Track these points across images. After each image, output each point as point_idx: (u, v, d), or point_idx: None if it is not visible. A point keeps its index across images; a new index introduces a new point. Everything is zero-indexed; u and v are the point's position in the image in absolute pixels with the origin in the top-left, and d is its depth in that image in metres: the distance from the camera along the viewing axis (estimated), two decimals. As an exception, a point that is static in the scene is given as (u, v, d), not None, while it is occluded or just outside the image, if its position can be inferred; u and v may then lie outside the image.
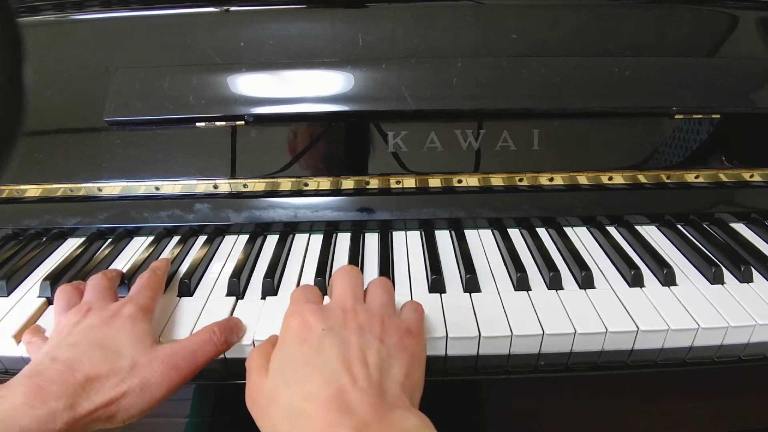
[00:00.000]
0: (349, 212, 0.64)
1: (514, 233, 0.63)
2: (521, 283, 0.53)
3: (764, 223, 0.64)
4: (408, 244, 0.62)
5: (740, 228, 0.64)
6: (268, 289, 0.53)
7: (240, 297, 0.53)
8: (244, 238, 0.63)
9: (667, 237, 0.63)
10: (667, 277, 0.53)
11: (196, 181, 0.63)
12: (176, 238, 0.64)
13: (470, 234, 0.63)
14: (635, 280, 0.53)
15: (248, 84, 0.62)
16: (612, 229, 0.63)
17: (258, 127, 0.62)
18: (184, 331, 0.48)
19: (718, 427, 0.59)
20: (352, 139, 0.64)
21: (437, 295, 0.52)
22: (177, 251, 0.61)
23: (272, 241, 0.62)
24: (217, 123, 0.62)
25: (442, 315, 0.49)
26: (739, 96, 0.64)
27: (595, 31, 0.66)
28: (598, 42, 0.66)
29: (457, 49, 0.64)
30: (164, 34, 0.65)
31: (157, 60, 0.64)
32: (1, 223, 0.65)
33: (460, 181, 0.64)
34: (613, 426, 0.59)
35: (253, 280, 0.56)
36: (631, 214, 0.65)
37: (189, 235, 0.64)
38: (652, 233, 0.63)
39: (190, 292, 0.54)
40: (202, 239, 0.64)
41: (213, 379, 0.49)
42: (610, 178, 0.64)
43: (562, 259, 0.58)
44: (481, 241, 0.62)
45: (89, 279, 0.50)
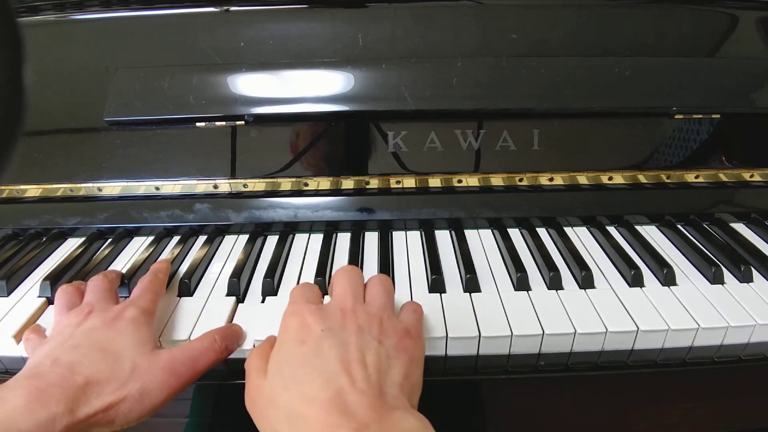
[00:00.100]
0: (349, 212, 0.64)
1: (514, 233, 0.63)
2: (521, 283, 0.53)
3: (764, 223, 0.64)
4: (408, 244, 0.62)
5: (740, 228, 0.64)
6: (268, 289, 0.53)
7: (240, 297, 0.53)
8: (244, 238, 0.63)
9: (667, 237, 0.63)
10: (667, 277, 0.53)
11: (196, 181, 0.63)
12: (176, 238, 0.64)
13: (470, 234, 0.63)
14: (635, 280, 0.53)
15: (248, 84, 0.62)
16: (612, 229, 0.63)
17: (258, 127, 0.62)
18: (184, 332, 0.48)
19: (718, 427, 0.59)
20: (352, 139, 0.64)
21: (437, 295, 0.52)
22: (177, 251, 0.61)
23: (272, 241, 0.62)
24: (217, 123, 0.62)
25: (442, 315, 0.49)
26: (739, 96, 0.64)
27: (595, 31, 0.66)
28: (598, 42, 0.66)
29: (457, 49, 0.64)
30: (164, 34, 0.65)
31: (157, 60, 0.64)
32: (1, 223, 0.65)
33: (460, 181, 0.64)
34: (613, 426, 0.59)
35: (253, 280, 0.56)
36: (631, 214, 0.65)
37: (189, 235, 0.64)
38: (652, 233, 0.63)
39: (190, 292, 0.54)
40: (202, 239, 0.64)
41: (213, 379, 0.49)
42: (610, 178, 0.64)
43: (562, 259, 0.58)
44: (481, 241, 0.62)
45: (90, 280, 0.50)
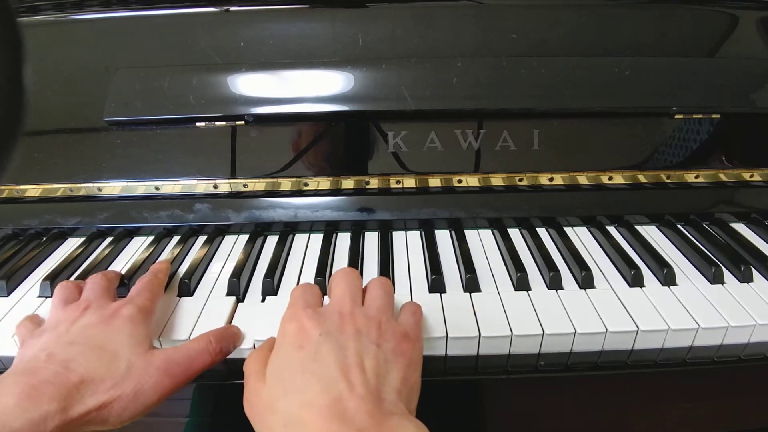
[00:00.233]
0: (349, 212, 0.64)
1: (514, 233, 0.63)
2: (521, 283, 0.53)
3: (764, 223, 0.64)
4: (408, 244, 0.62)
5: (740, 228, 0.64)
6: (268, 289, 0.53)
7: (240, 297, 0.53)
8: (244, 238, 0.63)
9: (667, 237, 0.63)
10: (667, 277, 0.53)
11: (196, 181, 0.63)
12: (176, 238, 0.64)
13: (470, 234, 0.63)
14: (635, 280, 0.53)
15: (248, 84, 0.62)
16: (612, 229, 0.63)
17: (258, 127, 0.62)
18: (184, 332, 0.48)
19: (718, 427, 0.59)
20: (352, 139, 0.64)
21: (437, 295, 0.52)
22: (177, 251, 0.61)
23: (272, 241, 0.62)
24: (217, 123, 0.62)
25: (442, 315, 0.49)
26: (739, 96, 0.64)
27: (595, 31, 0.66)
28: (598, 42, 0.66)
29: (457, 49, 0.64)
30: (164, 34, 0.65)
31: (157, 60, 0.64)
32: (1, 223, 0.65)
33: (460, 181, 0.64)
34: (613, 426, 0.59)
35: (253, 280, 0.56)
36: (631, 214, 0.65)
37: (189, 235, 0.64)
38: (652, 233, 0.63)
39: (190, 292, 0.54)
40: (202, 239, 0.64)
41: (213, 379, 0.49)
42: (610, 178, 0.64)
43: (562, 259, 0.58)
44: (481, 241, 0.62)
45: (89, 278, 0.50)
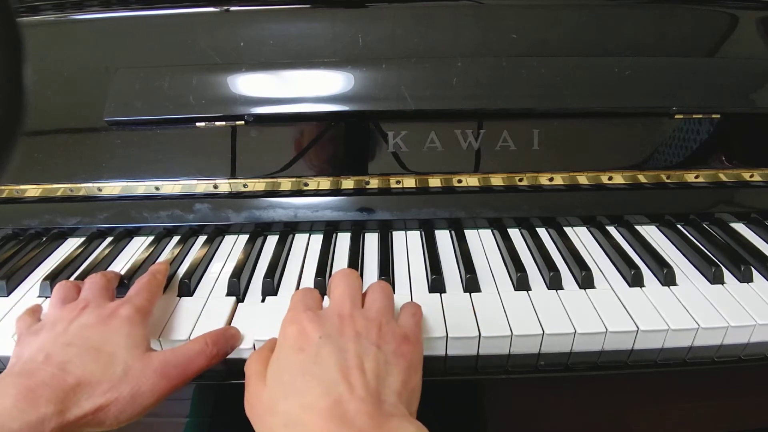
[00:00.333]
0: (349, 212, 0.64)
1: (514, 233, 0.63)
2: (521, 283, 0.53)
3: (764, 223, 0.64)
4: (408, 244, 0.62)
5: (740, 228, 0.64)
6: (268, 289, 0.53)
7: (240, 297, 0.53)
8: (244, 238, 0.63)
9: (667, 237, 0.63)
10: (667, 277, 0.53)
11: (196, 181, 0.63)
12: (176, 238, 0.64)
13: (470, 234, 0.63)
14: (635, 280, 0.53)
15: (248, 84, 0.62)
16: (612, 229, 0.63)
17: (258, 127, 0.62)
18: (184, 332, 0.48)
19: (718, 427, 0.59)
20: (352, 138, 0.64)
21: (437, 295, 0.52)
22: (177, 251, 0.61)
23: (272, 241, 0.62)
24: (217, 123, 0.62)
25: (442, 315, 0.49)
26: (739, 96, 0.64)
27: (595, 31, 0.66)
28: (598, 42, 0.66)
29: (457, 49, 0.64)
30: (164, 34, 0.65)
31: (157, 60, 0.64)
32: (1, 223, 0.65)
33: (460, 181, 0.64)
34: (613, 426, 0.59)
35: (253, 280, 0.56)
36: (631, 214, 0.65)
37: (189, 235, 0.64)
38: (652, 233, 0.63)
39: (190, 292, 0.54)
40: (202, 239, 0.64)
41: (213, 379, 0.49)
42: (610, 178, 0.64)
43: (562, 259, 0.58)
44: (481, 241, 0.62)
45: (87, 278, 0.50)
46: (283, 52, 0.63)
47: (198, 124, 0.62)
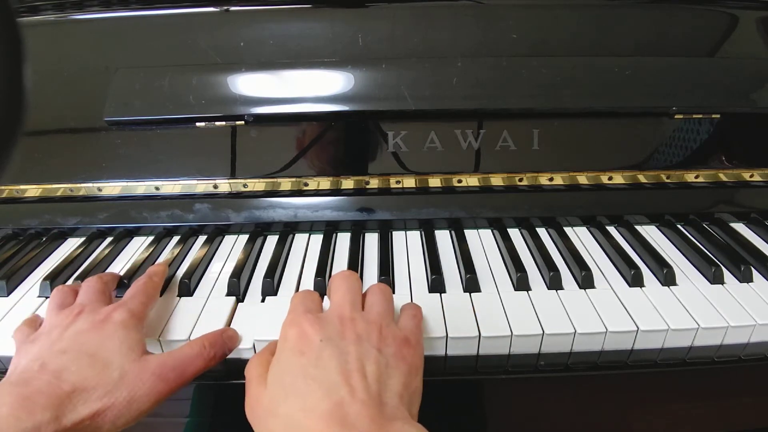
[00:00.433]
0: (349, 212, 0.64)
1: (514, 233, 0.63)
2: (521, 283, 0.53)
3: (764, 223, 0.64)
4: (408, 244, 0.62)
5: (740, 228, 0.64)
6: (268, 289, 0.53)
7: (240, 297, 0.53)
8: (244, 238, 0.63)
9: (667, 237, 0.63)
10: (667, 277, 0.53)
11: (196, 181, 0.63)
12: (176, 238, 0.64)
13: (470, 234, 0.63)
14: (635, 280, 0.53)
15: (248, 84, 0.62)
16: (612, 229, 0.63)
17: (258, 127, 0.62)
18: (184, 332, 0.48)
19: (718, 427, 0.59)
20: (352, 138, 0.64)
21: (437, 295, 0.52)
22: (177, 251, 0.61)
23: (272, 241, 0.62)
24: (217, 123, 0.62)
25: (442, 315, 0.49)
26: (739, 96, 0.64)
27: (595, 31, 0.66)
28: (598, 42, 0.66)
29: (457, 49, 0.64)
30: (164, 34, 0.65)
31: (157, 60, 0.64)
32: (1, 223, 0.65)
33: (460, 181, 0.64)
34: (613, 426, 0.59)
35: (253, 280, 0.56)
36: (631, 214, 0.65)
37: (189, 235, 0.64)
38: (652, 233, 0.63)
39: (190, 292, 0.54)
40: (202, 239, 0.64)
41: (213, 379, 0.49)
42: (610, 178, 0.64)
43: (562, 259, 0.58)
44: (481, 241, 0.62)
45: (84, 281, 0.50)
46: (283, 52, 0.63)
47: (198, 124, 0.62)
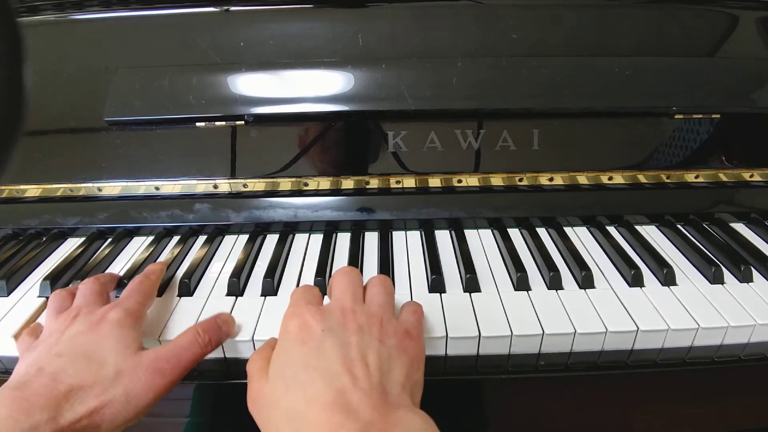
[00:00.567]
0: (349, 212, 0.64)
1: (514, 233, 0.63)
2: (521, 283, 0.53)
3: (764, 223, 0.64)
4: (408, 244, 0.62)
5: (740, 228, 0.64)
6: (268, 289, 0.53)
7: (240, 297, 0.53)
8: (244, 238, 0.63)
9: (667, 237, 0.63)
10: (667, 277, 0.53)
11: (196, 181, 0.63)
12: (176, 238, 0.64)
13: (470, 234, 0.63)
14: (635, 280, 0.53)
15: (248, 84, 0.62)
16: (612, 229, 0.63)
17: (258, 127, 0.62)
18: (184, 331, 0.48)
19: (718, 427, 0.59)
20: (352, 138, 0.64)
21: (437, 295, 0.52)
22: (177, 251, 0.61)
23: (272, 241, 0.62)
24: (217, 123, 0.62)
25: (442, 315, 0.49)
26: (739, 96, 0.64)
27: (595, 31, 0.66)
28: (598, 42, 0.66)
29: (457, 49, 0.64)
30: (164, 34, 0.65)
31: (157, 60, 0.64)
32: (1, 223, 0.65)
33: (460, 181, 0.64)
34: (613, 426, 0.59)
35: (253, 280, 0.56)
36: (631, 214, 0.65)
37: (189, 235, 0.64)
38: (652, 233, 0.63)
39: (190, 292, 0.54)
40: (202, 239, 0.64)
41: (213, 378, 0.49)
42: (610, 178, 0.64)
43: (562, 259, 0.58)
44: (481, 241, 0.62)
45: (81, 283, 0.50)
46: (283, 52, 0.63)
47: (198, 124, 0.62)
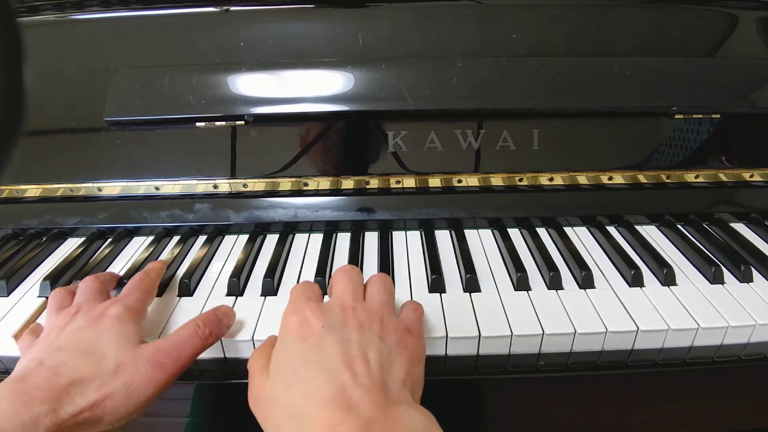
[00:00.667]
0: (349, 212, 0.64)
1: (514, 233, 0.63)
2: (521, 283, 0.53)
3: (764, 223, 0.64)
4: (408, 244, 0.62)
5: (740, 228, 0.64)
6: (268, 288, 0.53)
7: (240, 297, 0.53)
8: (244, 238, 0.63)
9: (667, 237, 0.63)
10: (667, 277, 0.53)
11: (196, 181, 0.63)
12: (176, 238, 0.64)
13: (470, 234, 0.63)
14: (635, 280, 0.53)
15: (248, 84, 0.62)
16: (612, 229, 0.63)
17: (258, 127, 0.62)
18: (184, 331, 0.48)
19: (718, 427, 0.59)
20: (352, 138, 0.64)
21: (437, 295, 0.52)
22: (177, 251, 0.61)
23: (272, 241, 0.62)
24: (217, 123, 0.62)
25: (442, 315, 0.49)
26: (739, 96, 0.64)
27: (595, 31, 0.66)
28: (598, 42, 0.66)
29: (457, 49, 0.64)
30: (164, 34, 0.65)
31: (157, 60, 0.64)
32: (1, 223, 0.65)
33: (460, 181, 0.64)
34: (613, 426, 0.59)
35: (253, 279, 0.56)
36: (631, 214, 0.65)
37: (189, 235, 0.64)
38: (652, 233, 0.63)
39: (190, 292, 0.54)
40: (202, 239, 0.64)
41: (213, 378, 0.49)
42: (610, 178, 0.64)
43: (562, 259, 0.58)
44: (481, 241, 0.62)
45: (80, 282, 0.50)
46: (283, 52, 0.63)
47: (198, 124, 0.62)
